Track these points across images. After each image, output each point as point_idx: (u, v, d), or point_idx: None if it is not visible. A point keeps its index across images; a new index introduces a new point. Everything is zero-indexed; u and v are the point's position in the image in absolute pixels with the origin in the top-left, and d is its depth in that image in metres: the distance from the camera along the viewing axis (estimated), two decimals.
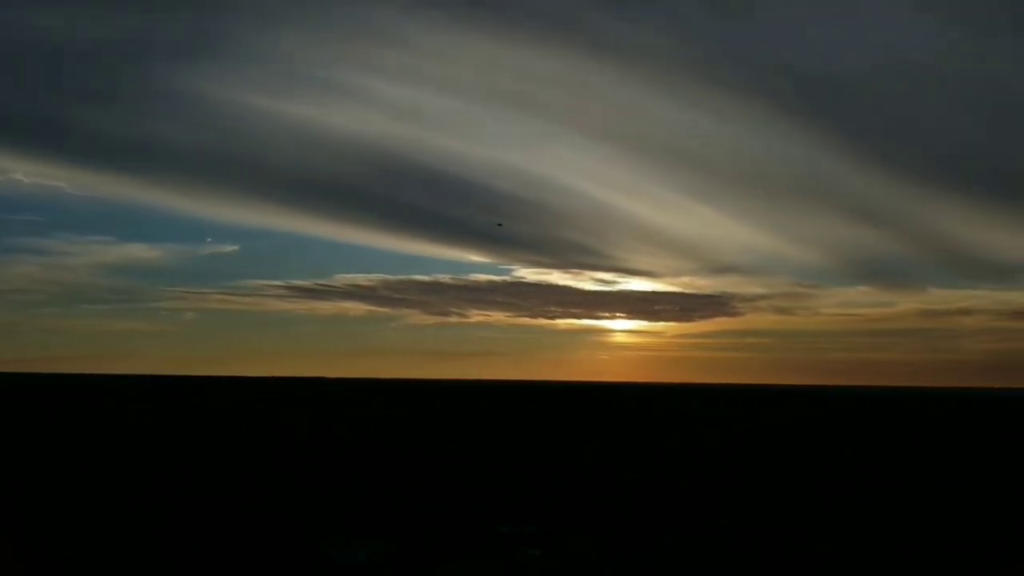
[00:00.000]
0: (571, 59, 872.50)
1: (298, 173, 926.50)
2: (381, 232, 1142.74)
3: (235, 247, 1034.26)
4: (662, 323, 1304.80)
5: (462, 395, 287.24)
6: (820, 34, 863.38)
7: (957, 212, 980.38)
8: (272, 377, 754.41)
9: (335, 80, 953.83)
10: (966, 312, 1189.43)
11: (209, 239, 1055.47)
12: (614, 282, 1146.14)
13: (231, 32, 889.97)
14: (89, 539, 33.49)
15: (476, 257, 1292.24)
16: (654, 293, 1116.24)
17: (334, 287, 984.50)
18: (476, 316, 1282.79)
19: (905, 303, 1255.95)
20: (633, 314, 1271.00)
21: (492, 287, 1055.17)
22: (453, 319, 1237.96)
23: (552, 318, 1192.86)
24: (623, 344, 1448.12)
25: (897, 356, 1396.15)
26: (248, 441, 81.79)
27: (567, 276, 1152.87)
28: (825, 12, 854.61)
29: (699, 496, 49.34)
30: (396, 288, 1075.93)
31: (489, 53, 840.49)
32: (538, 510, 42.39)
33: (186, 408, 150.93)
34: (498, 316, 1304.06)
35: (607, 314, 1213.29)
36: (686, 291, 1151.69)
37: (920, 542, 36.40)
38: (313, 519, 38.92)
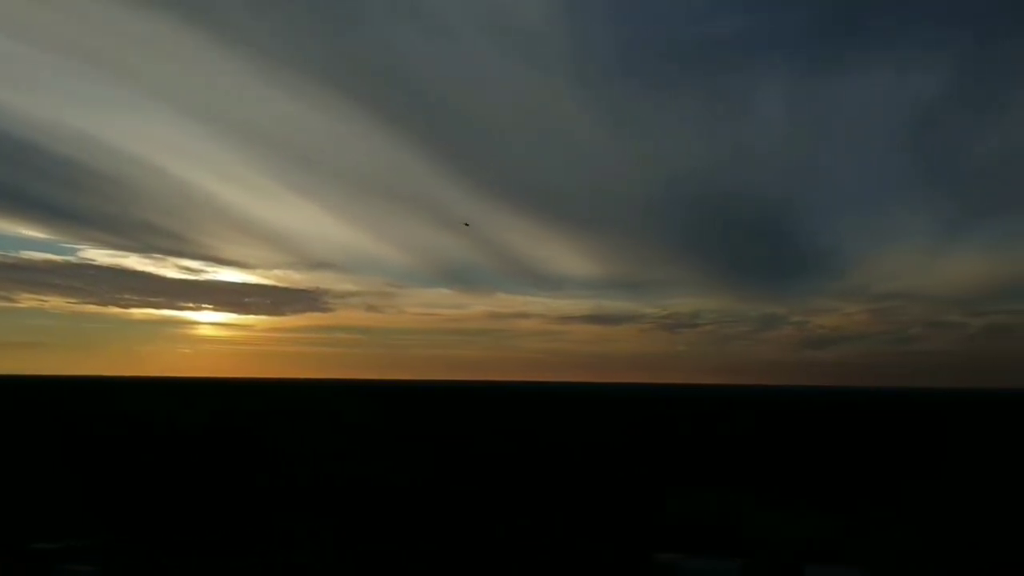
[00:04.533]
0: (176, 29, 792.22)
1: None
2: None
3: None
4: (252, 316, 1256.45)
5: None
6: (422, 53, 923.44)
7: (522, 229, 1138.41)
8: None
9: None
10: (524, 315, 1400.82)
11: None
12: (202, 271, 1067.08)
13: None
14: None
15: (30, 232, 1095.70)
16: (245, 285, 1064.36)
17: None
18: (28, 300, 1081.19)
19: (477, 305, 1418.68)
20: (221, 306, 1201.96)
21: (51, 268, 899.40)
22: None
23: (127, 307, 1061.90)
24: (209, 337, 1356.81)
25: (470, 353, 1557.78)
26: None
27: (147, 261, 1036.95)
28: (427, 34, 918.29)
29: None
30: None
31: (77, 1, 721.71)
32: (90, 520, 40.04)
33: None
34: (57, 302, 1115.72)
35: (192, 305, 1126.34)
36: (279, 284, 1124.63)
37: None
38: None
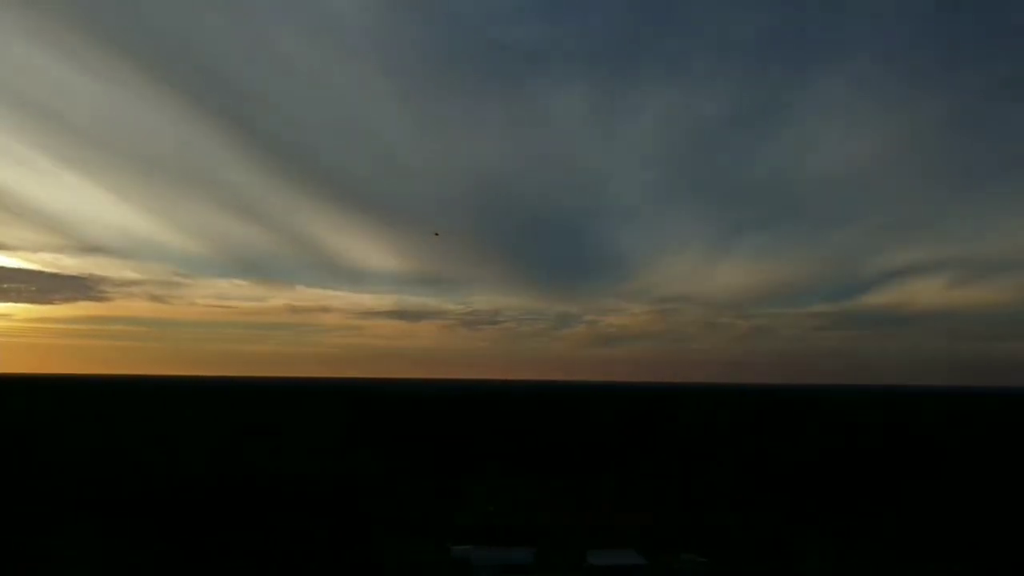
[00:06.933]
0: None
1: None
2: None
3: None
4: (12, 304, 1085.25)
5: None
6: (224, 31, 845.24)
7: (326, 222, 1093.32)
8: None
9: None
10: (326, 309, 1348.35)
11: None
12: None
13: None
14: None
15: None
16: (5, 269, 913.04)
17: None
18: None
19: (276, 298, 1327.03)
20: None
21: None
22: None
23: None
24: None
25: (269, 348, 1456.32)
26: None
27: None
28: (231, 12, 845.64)
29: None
30: None
31: None
32: None
33: None
34: None
35: None
36: (46, 269, 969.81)
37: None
38: None
